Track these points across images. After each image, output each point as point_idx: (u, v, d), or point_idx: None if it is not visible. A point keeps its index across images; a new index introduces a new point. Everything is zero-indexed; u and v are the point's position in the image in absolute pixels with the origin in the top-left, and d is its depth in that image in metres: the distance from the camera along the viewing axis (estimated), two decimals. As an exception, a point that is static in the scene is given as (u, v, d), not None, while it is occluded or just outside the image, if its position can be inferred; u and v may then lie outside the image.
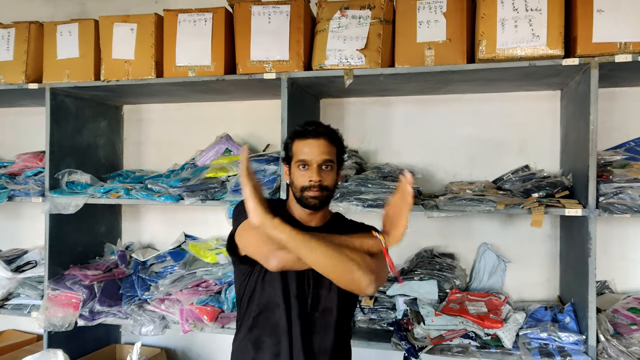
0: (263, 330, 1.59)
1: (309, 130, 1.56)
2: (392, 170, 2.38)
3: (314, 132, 1.56)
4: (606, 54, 1.92)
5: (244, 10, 2.32)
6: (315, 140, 1.55)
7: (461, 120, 2.58)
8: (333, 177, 1.58)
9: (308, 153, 1.54)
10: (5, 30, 2.64)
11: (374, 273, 1.44)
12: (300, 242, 1.38)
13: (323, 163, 1.54)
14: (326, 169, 1.55)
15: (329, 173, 1.56)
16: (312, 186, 1.53)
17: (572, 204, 1.98)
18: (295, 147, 1.58)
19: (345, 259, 1.41)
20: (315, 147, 1.54)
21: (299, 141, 1.57)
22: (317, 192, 1.53)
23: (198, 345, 2.96)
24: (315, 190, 1.53)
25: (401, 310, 2.30)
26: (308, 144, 1.55)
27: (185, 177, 2.49)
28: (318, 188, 1.53)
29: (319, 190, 1.53)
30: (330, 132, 1.60)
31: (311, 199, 1.54)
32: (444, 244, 2.61)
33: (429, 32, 2.12)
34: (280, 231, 1.37)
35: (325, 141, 1.56)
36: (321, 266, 1.42)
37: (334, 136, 1.60)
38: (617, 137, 2.36)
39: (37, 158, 2.82)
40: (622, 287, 2.40)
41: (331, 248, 1.41)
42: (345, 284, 1.45)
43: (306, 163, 1.54)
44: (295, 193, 1.57)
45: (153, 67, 2.42)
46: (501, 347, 2.04)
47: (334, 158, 1.58)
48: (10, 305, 2.70)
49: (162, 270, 2.64)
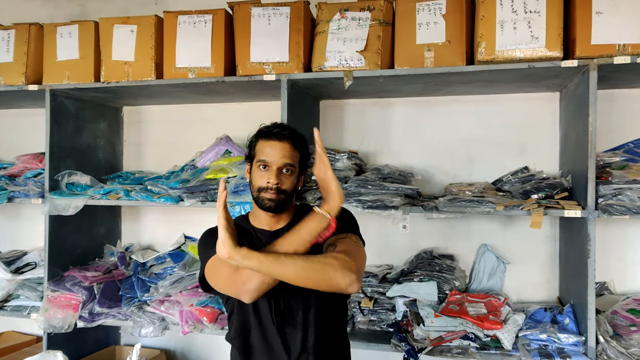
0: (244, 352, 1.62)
1: (273, 131, 1.56)
2: (391, 171, 2.38)
3: (279, 135, 1.55)
4: (605, 56, 1.93)
5: (244, 12, 2.32)
6: (279, 143, 1.54)
7: (460, 121, 2.58)
8: (292, 182, 1.57)
9: (269, 154, 1.54)
10: (5, 32, 2.64)
11: (353, 272, 1.40)
12: (270, 264, 1.37)
13: (283, 166, 1.54)
14: (286, 173, 1.55)
15: (289, 177, 1.55)
16: (269, 188, 1.53)
17: (571, 206, 1.99)
18: (259, 146, 1.57)
19: (319, 266, 1.39)
20: (278, 149, 1.54)
21: (263, 141, 1.57)
22: (273, 195, 1.53)
23: (198, 347, 2.95)
24: (272, 193, 1.53)
25: (401, 311, 2.30)
26: (271, 145, 1.55)
27: (185, 179, 2.50)
28: (275, 191, 1.53)
29: (275, 193, 1.53)
30: (296, 136, 1.58)
31: (267, 201, 1.53)
32: (443, 245, 2.61)
33: (428, 33, 2.12)
34: (249, 260, 1.36)
35: (289, 145, 1.55)
36: (299, 280, 1.39)
37: (298, 141, 1.59)
38: (616, 138, 2.36)
39: (37, 159, 2.82)
40: (621, 288, 2.41)
41: (302, 259, 1.39)
42: (327, 289, 1.42)
43: (266, 164, 1.54)
44: (252, 192, 1.58)
45: (153, 69, 2.42)
46: (501, 348, 2.04)
47: (296, 163, 1.57)
48: (9, 307, 2.69)
49: (162, 271, 2.64)
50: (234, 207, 2.27)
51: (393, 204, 2.15)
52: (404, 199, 2.21)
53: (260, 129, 1.61)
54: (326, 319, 1.62)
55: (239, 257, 1.37)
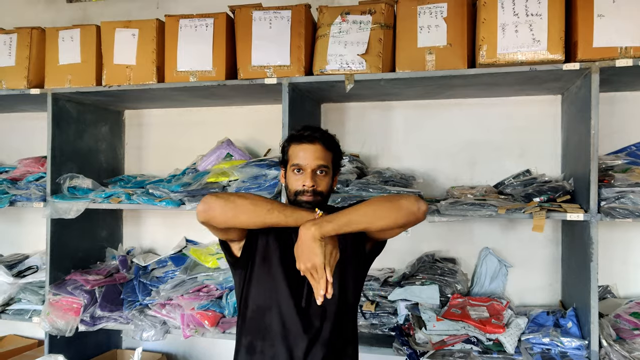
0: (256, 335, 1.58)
1: (304, 135, 1.57)
2: (393, 174, 2.37)
3: (310, 137, 1.56)
4: (607, 59, 1.92)
5: (245, 16, 2.32)
6: (311, 145, 1.55)
7: (462, 124, 2.58)
8: (327, 183, 1.58)
9: (303, 158, 1.55)
10: (7, 36, 2.65)
11: (410, 196, 1.50)
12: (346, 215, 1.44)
13: (317, 168, 1.55)
14: (320, 174, 1.56)
15: (324, 178, 1.57)
16: (305, 191, 1.53)
17: (573, 209, 1.98)
18: (291, 151, 1.58)
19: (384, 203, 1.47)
20: (310, 152, 1.54)
21: (295, 145, 1.58)
22: (310, 197, 1.54)
23: (199, 351, 2.95)
24: (309, 195, 1.54)
25: (403, 315, 2.30)
26: (303, 148, 1.56)
27: (186, 182, 2.50)
28: (311, 193, 1.54)
29: (312, 195, 1.54)
30: (327, 137, 1.60)
31: (305, 204, 1.54)
32: (445, 249, 2.61)
33: (429, 37, 2.12)
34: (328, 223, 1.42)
35: (321, 146, 1.56)
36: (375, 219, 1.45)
37: (330, 141, 1.60)
38: (618, 141, 2.36)
39: (38, 163, 2.83)
40: (624, 291, 2.40)
41: (366, 205, 1.47)
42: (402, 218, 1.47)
43: (301, 167, 1.55)
44: (290, 197, 1.59)
45: (154, 72, 2.42)
46: (503, 352, 2.03)
47: (329, 163, 1.59)
48: (11, 311, 2.69)
49: (163, 275, 2.64)
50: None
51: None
52: (405, 202, 2.20)
53: (291, 133, 1.62)
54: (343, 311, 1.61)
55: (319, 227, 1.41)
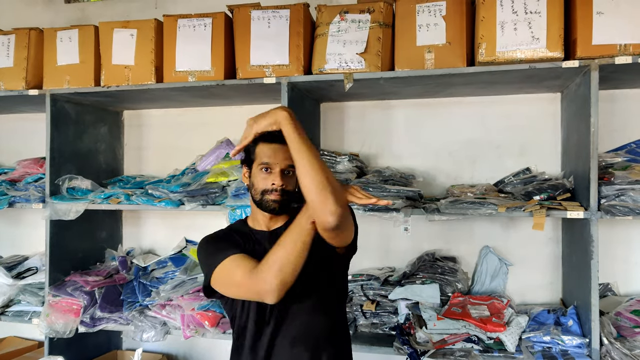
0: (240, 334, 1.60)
1: (275, 134, 1.54)
2: (393, 174, 2.37)
3: (280, 138, 1.52)
4: (606, 56, 1.92)
5: (244, 15, 2.32)
6: (281, 146, 1.53)
7: (462, 123, 2.57)
8: (294, 183, 1.57)
9: (272, 157, 1.54)
10: (5, 37, 2.64)
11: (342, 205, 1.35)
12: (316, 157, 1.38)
13: (286, 168, 1.55)
14: (288, 175, 1.56)
15: (291, 178, 1.56)
16: (274, 190, 1.53)
17: (573, 207, 1.98)
18: (259, 149, 1.57)
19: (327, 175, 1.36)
20: (281, 152, 1.53)
21: (264, 144, 1.56)
22: (278, 196, 1.54)
23: (199, 351, 2.94)
24: (277, 194, 1.53)
25: (403, 314, 2.30)
26: (273, 148, 1.55)
27: (185, 182, 2.49)
28: (280, 192, 1.54)
29: (280, 194, 1.54)
30: None
31: (272, 202, 1.54)
32: (445, 247, 2.60)
33: (428, 35, 2.12)
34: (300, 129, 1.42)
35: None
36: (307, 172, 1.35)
37: None
38: (618, 139, 2.35)
39: (37, 164, 2.82)
40: (624, 289, 2.39)
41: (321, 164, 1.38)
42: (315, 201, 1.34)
43: (269, 166, 1.54)
44: (255, 196, 1.57)
45: (153, 73, 2.42)
46: (504, 350, 2.03)
47: None
48: (11, 312, 2.69)
49: (163, 275, 2.63)
50: (236, 211, 2.27)
51: (395, 206, 2.15)
52: (405, 201, 2.20)
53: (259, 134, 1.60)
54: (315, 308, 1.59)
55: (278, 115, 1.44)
